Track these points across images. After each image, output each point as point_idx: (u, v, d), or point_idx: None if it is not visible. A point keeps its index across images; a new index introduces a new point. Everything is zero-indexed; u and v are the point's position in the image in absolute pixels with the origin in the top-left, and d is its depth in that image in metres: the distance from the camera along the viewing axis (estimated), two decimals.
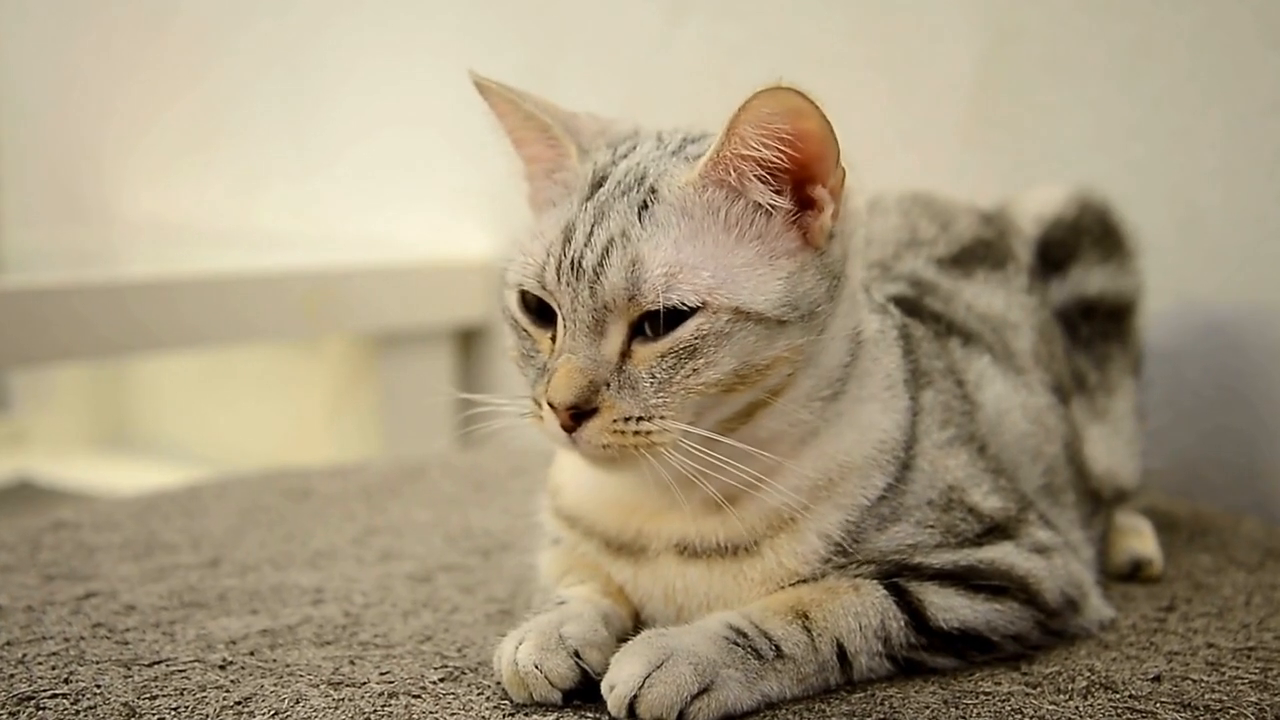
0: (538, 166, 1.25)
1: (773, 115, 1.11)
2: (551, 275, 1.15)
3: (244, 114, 3.28)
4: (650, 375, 1.13)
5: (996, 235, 1.61)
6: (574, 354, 1.13)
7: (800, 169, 1.15)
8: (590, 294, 1.13)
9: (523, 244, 1.20)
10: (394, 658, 1.27)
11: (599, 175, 1.20)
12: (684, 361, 1.12)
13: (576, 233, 1.16)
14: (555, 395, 1.12)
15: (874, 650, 1.17)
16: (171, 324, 2.41)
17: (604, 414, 1.12)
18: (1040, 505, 1.36)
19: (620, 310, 1.13)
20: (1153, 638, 1.31)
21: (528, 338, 1.20)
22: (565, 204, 1.20)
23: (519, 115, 1.23)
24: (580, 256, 1.14)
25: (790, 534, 1.20)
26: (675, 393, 1.12)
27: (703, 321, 1.12)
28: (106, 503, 1.94)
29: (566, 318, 1.15)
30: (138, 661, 1.26)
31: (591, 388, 1.12)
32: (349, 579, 1.53)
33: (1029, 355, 1.49)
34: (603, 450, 1.13)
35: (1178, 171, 1.99)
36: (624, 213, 1.15)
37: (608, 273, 1.13)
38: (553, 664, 1.13)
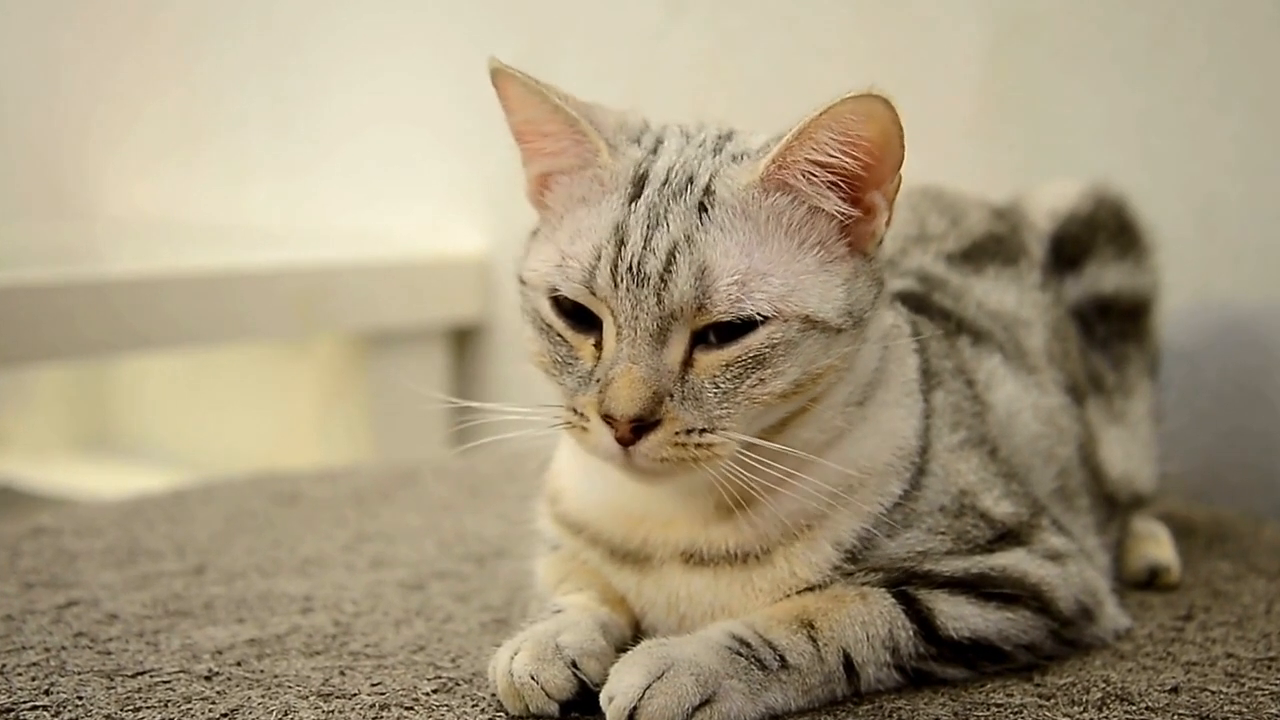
0: (559, 161, 1.20)
1: (856, 122, 1.11)
2: (605, 280, 1.12)
3: (232, 107, 3.27)
4: (714, 385, 1.11)
5: (1008, 230, 1.61)
6: (635, 363, 1.10)
7: (867, 175, 1.14)
8: (656, 302, 1.10)
9: (557, 244, 1.16)
10: (386, 668, 1.27)
11: (639, 173, 1.17)
12: (750, 371, 1.11)
13: (632, 235, 1.12)
14: (616, 406, 1.09)
15: (882, 661, 1.17)
16: (156, 323, 2.40)
17: (666, 426, 1.10)
18: (1053, 510, 1.36)
19: (686, 319, 1.11)
20: (1170, 647, 1.31)
21: (563, 344, 1.16)
22: (604, 203, 1.16)
23: (545, 107, 1.18)
24: (640, 261, 1.11)
25: (805, 541, 1.20)
26: (739, 403, 1.11)
27: (774, 330, 1.11)
28: (88, 508, 1.94)
29: (624, 325, 1.11)
30: (120, 672, 1.25)
31: (655, 399, 1.09)
32: (339, 587, 1.53)
33: (1041, 354, 1.49)
34: (660, 464, 1.10)
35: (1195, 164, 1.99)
36: (683, 215, 1.13)
37: (675, 280, 1.10)
38: (549, 675, 1.13)
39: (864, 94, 1.09)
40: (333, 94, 3.09)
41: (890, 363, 1.24)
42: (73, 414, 3.41)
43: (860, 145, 1.12)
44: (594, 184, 1.18)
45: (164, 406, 3.29)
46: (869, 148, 1.12)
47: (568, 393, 1.15)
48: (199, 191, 3.33)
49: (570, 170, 1.20)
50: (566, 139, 1.19)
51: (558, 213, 1.21)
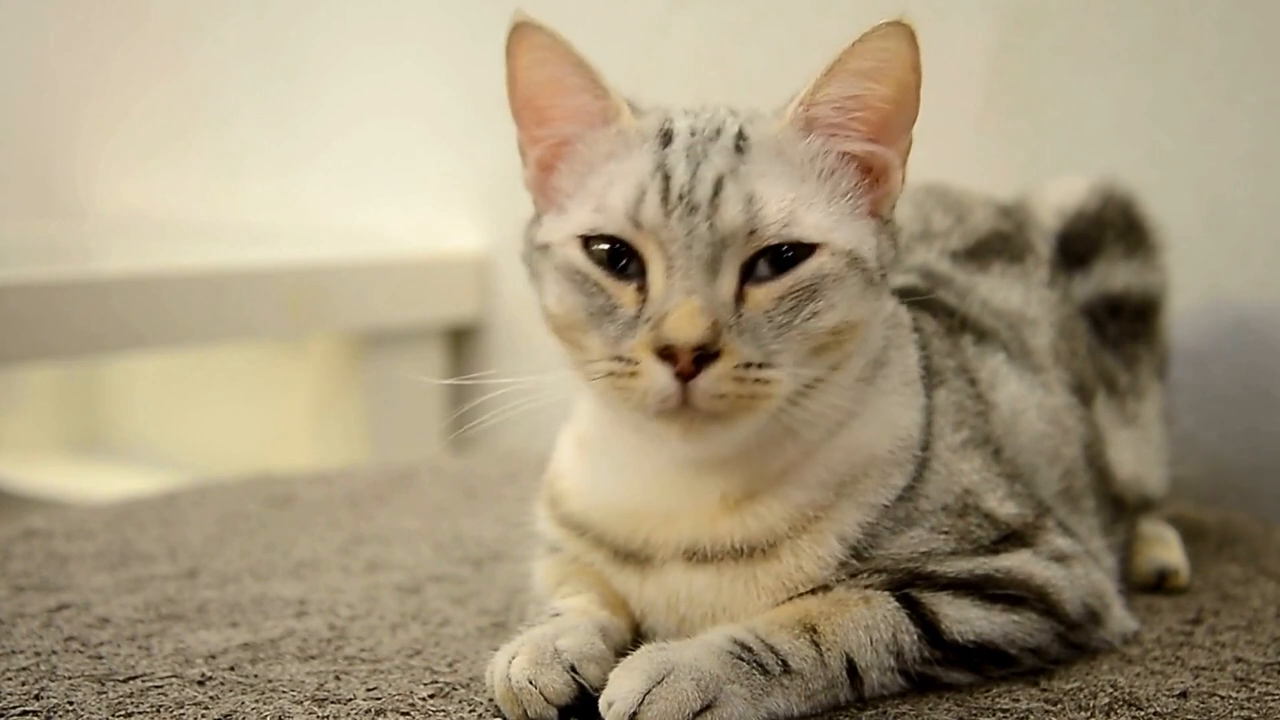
0: (578, 122, 1.22)
1: (886, 52, 1.15)
2: (653, 212, 1.13)
3: (224, 102, 3.28)
4: (768, 318, 1.12)
5: (1015, 228, 1.61)
6: (692, 293, 1.10)
7: (888, 123, 1.18)
8: (709, 227, 1.12)
9: (587, 199, 1.17)
10: (381, 673, 1.27)
11: (664, 129, 1.20)
12: (804, 303, 1.13)
13: (677, 169, 1.14)
14: (678, 334, 1.08)
15: (886, 665, 1.17)
16: (148, 322, 2.41)
17: (726, 358, 1.09)
18: (1059, 511, 1.36)
19: (737, 247, 1.12)
20: (1179, 652, 1.31)
21: (599, 293, 1.15)
22: (635, 153, 1.18)
23: (568, 62, 1.20)
24: (688, 190, 1.13)
25: (811, 535, 1.20)
26: (794, 338, 1.13)
27: (824, 260, 1.14)
28: (79, 510, 1.94)
29: (677, 255, 1.12)
30: (112, 677, 1.26)
31: (716, 328, 1.09)
32: (334, 590, 1.53)
33: (1047, 353, 1.49)
34: (718, 401, 1.10)
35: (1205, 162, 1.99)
36: (723, 153, 1.16)
37: (725, 205, 1.12)
38: (548, 679, 1.13)
39: (895, 21, 1.14)
40: (327, 89, 3.09)
41: (891, 350, 1.25)
42: (63, 415, 3.41)
43: (886, 75, 1.16)
44: (619, 140, 1.20)
45: (156, 407, 3.29)
46: (895, 85, 1.16)
47: (609, 341, 1.14)
48: (191, 188, 3.33)
49: (591, 128, 1.21)
50: (588, 95, 1.21)
51: (579, 175, 1.21)
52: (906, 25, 1.14)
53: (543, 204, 1.25)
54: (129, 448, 3.32)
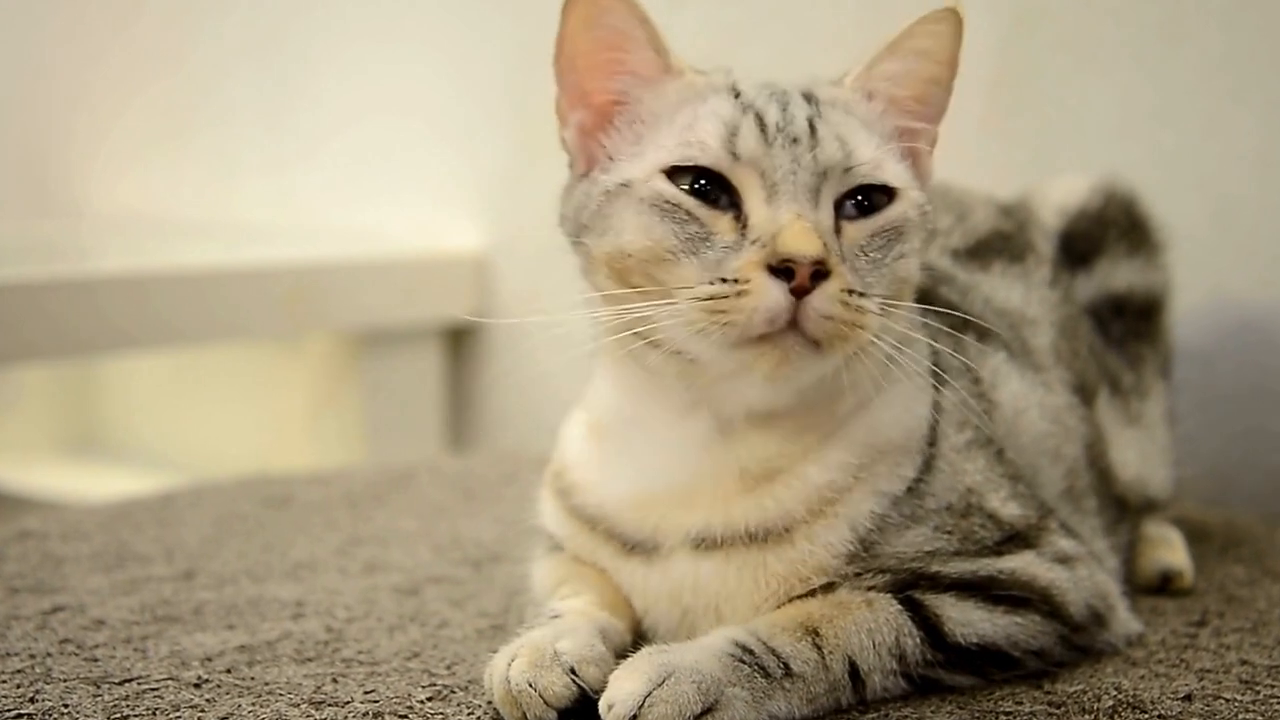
0: (636, 79, 1.23)
1: (940, 35, 1.22)
2: (753, 142, 1.15)
3: (221, 100, 3.27)
4: (863, 253, 1.17)
5: (1016, 227, 1.61)
6: (802, 214, 1.13)
7: (932, 104, 1.26)
8: (812, 158, 1.15)
9: (668, 137, 1.19)
10: (379, 675, 1.27)
11: (730, 84, 1.22)
12: (893, 243, 1.18)
13: (765, 108, 1.18)
14: (797, 247, 1.09)
15: (888, 668, 1.17)
16: (144, 321, 2.40)
17: (835, 279, 1.11)
18: (1062, 512, 1.36)
19: (834, 181, 1.16)
20: (1183, 654, 1.31)
21: (692, 221, 1.15)
22: (711, 99, 1.20)
23: (634, 17, 1.22)
24: (786, 125, 1.16)
25: (826, 519, 1.21)
26: (883, 275, 1.17)
27: (906, 206, 1.20)
28: (75, 511, 1.94)
29: (781, 182, 1.14)
30: (108, 679, 1.25)
31: (827, 247, 1.12)
32: (331, 592, 1.53)
33: (1048, 352, 1.49)
34: (825, 324, 1.10)
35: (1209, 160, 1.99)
36: (801, 102, 1.20)
37: (822, 140, 1.16)
38: (547, 682, 1.13)
39: (949, 8, 1.22)
40: (325, 86, 3.09)
41: (907, 335, 1.25)
42: (58, 415, 3.41)
43: (935, 56, 1.24)
44: (688, 90, 1.23)
45: (152, 407, 3.29)
46: (941, 60, 1.24)
47: (709, 265, 1.13)
48: (187, 186, 3.33)
49: (654, 84, 1.23)
50: (653, 50, 1.23)
51: (646, 125, 1.22)
52: (956, 13, 1.22)
53: (583, 163, 1.26)
54: (125, 448, 3.32)
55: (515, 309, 2.74)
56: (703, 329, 1.12)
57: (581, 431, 1.33)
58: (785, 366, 1.13)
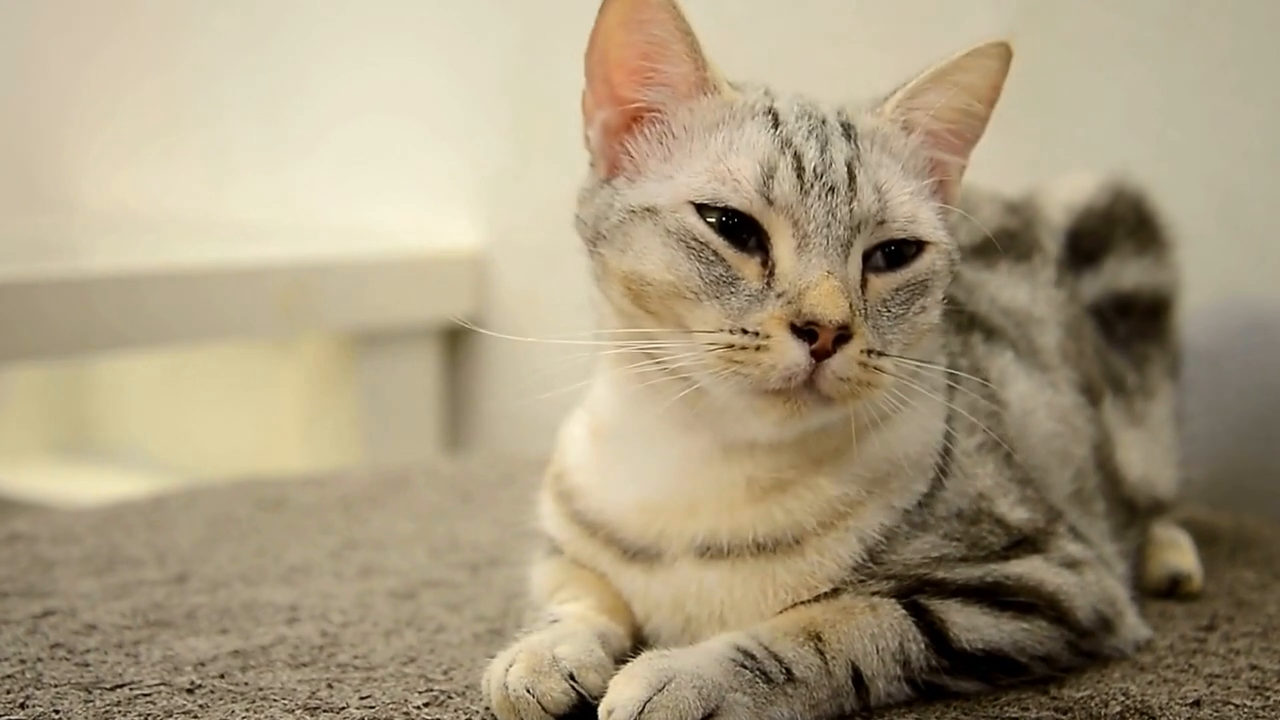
0: (670, 91, 1.21)
1: (988, 71, 1.21)
2: (790, 188, 1.13)
3: (215, 96, 3.27)
4: (886, 309, 1.16)
5: (1022, 225, 1.61)
6: (832, 272, 1.11)
7: (965, 136, 1.24)
8: (849, 211, 1.13)
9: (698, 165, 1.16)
10: (375, 681, 1.27)
11: (769, 107, 1.21)
12: (916, 297, 1.17)
13: (807, 149, 1.15)
14: (824, 312, 1.09)
15: (892, 674, 1.17)
16: (136, 321, 2.40)
17: (856, 341, 1.11)
18: (1070, 515, 1.36)
19: (865, 233, 1.15)
20: (1192, 659, 1.31)
21: (719, 263, 1.14)
22: (747, 126, 1.18)
23: (677, 28, 1.20)
24: (824, 171, 1.14)
25: (837, 532, 1.21)
26: (904, 330, 1.16)
27: (935, 258, 1.19)
28: (65, 514, 1.94)
29: (814, 234, 1.12)
30: (99, 685, 1.25)
31: (854, 310, 1.11)
32: (326, 596, 1.53)
33: (1055, 352, 1.49)
34: (840, 385, 1.11)
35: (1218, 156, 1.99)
36: (843, 141, 1.18)
37: (860, 191, 1.15)
38: (546, 687, 1.13)
39: (1002, 42, 1.21)
40: (320, 82, 3.09)
41: (930, 354, 1.26)
42: (49, 416, 3.41)
43: (980, 91, 1.22)
44: (723, 110, 1.20)
45: (144, 408, 3.29)
46: (985, 96, 1.23)
47: (732, 313, 1.12)
48: (180, 184, 3.33)
49: (689, 97, 1.21)
50: (690, 64, 1.21)
51: (676, 141, 1.20)
52: (1009, 48, 1.21)
53: (604, 167, 1.24)
54: (116, 450, 3.32)
55: (514, 308, 2.74)
56: (716, 373, 1.12)
57: (583, 434, 1.32)
58: (794, 418, 1.14)
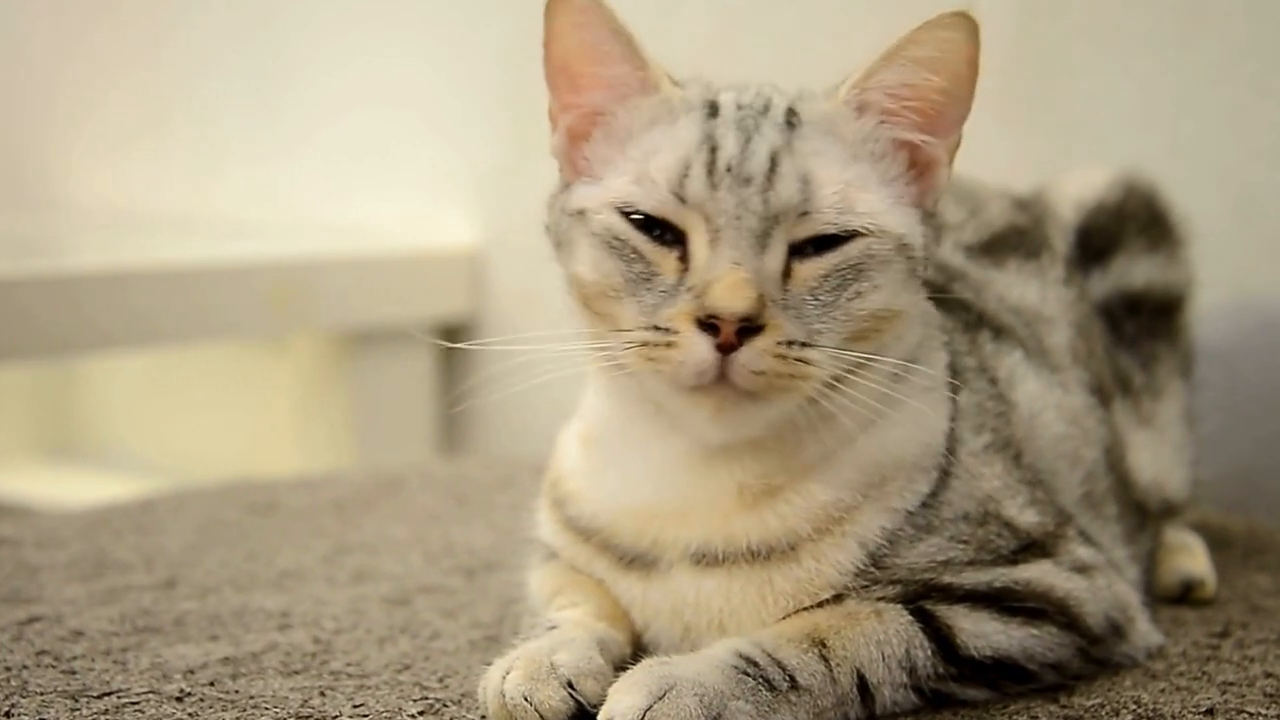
0: (614, 91, 1.23)
1: (948, 42, 1.17)
2: (700, 185, 1.14)
3: (204, 89, 3.27)
4: (813, 296, 1.15)
5: (1031, 222, 1.61)
6: (740, 263, 1.12)
7: (942, 115, 1.21)
8: (762, 202, 1.14)
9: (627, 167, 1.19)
10: (368, 688, 1.27)
11: (710, 100, 1.21)
12: (849, 282, 1.15)
13: (725, 141, 1.16)
14: (724, 303, 1.10)
15: (898, 681, 1.17)
16: (123, 320, 2.40)
17: (769, 333, 1.11)
18: (1080, 519, 1.36)
19: (788, 225, 1.15)
20: (1205, 666, 1.31)
21: (638, 260, 1.16)
22: (680, 121, 1.20)
23: (608, 29, 1.22)
24: (740, 162, 1.15)
25: (834, 538, 1.20)
26: (836, 318, 1.15)
27: (872, 241, 1.17)
28: (51, 518, 1.94)
29: (725, 228, 1.13)
30: (86, 693, 1.25)
31: (760, 301, 1.11)
32: (319, 602, 1.53)
33: (1065, 352, 1.49)
34: (756, 379, 1.11)
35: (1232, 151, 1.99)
36: (775, 128, 1.18)
37: (780, 181, 1.15)
38: (544, 695, 1.13)
39: (959, 12, 1.17)
40: (312, 75, 3.09)
41: (922, 350, 1.26)
42: (34, 417, 3.41)
43: (944, 65, 1.19)
44: (661, 108, 1.22)
45: (132, 410, 3.29)
46: (953, 76, 1.19)
47: (646, 310, 1.14)
48: (168, 180, 3.33)
49: (630, 97, 1.23)
50: (627, 65, 1.22)
51: (618, 142, 1.22)
52: (969, 17, 1.17)
53: (570, 173, 1.26)
54: (103, 452, 3.32)
55: (511, 308, 2.74)
56: (641, 371, 1.15)
57: (576, 441, 1.33)
58: (724, 414, 1.14)
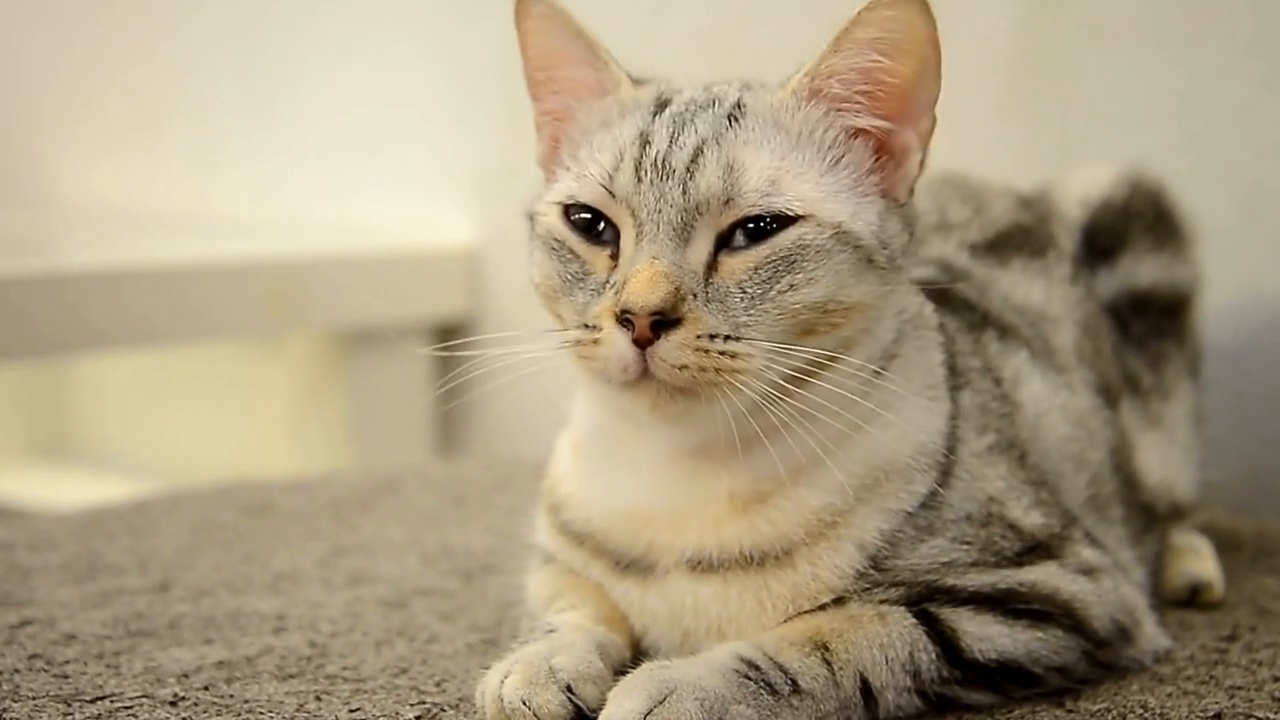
0: (577, 92, 1.26)
1: (895, 23, 1.16)
2: (626, 179, 1.16)
3: (199, 86, 3.27)
4: (740, 289, 1.14)
5: (1036, 220, 1.61)
6: (657, 257, 1.13)
7: (901, 100, 1.20)
8: (682, 193, 1.14)
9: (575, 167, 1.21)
10: (365, 693, 1.27)
11: (661, 98, 1.23)
12: (780, 275, 1.15)
13: (656, 136, 1.18)
14: (635, 298, 1.11)
15: (902, 685, 1.17)
16: (117, 319, 2.40)
17: (688, 326, 1.11)
18: (1086, 521, 1.36)
19: (712, 215, 1.15)
20: (1213, 670, 1.31)
21: (574, 259, 1.19)
22: (626, 120, 1.22)
23: (566, 32, 1.24)
24: (665, 156, 1.16)
25: (829, 542, 1.20)
26: (767, 310, 1.14)
27: (806, 231, 1.16)
28: (44, 519, 1.94)
29: (646, 221, 1.14)
30: (79, 697, 1.25)
31: (677, 294, 1.11)
32: (314, 605, 1.53)
33: (1070, 352, 1.49)
34: (679, 373, 1.11)
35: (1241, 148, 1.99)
36: (712, 120, 1.19)
37: (701, 173, 1.15)
38: (542, 700, 1.13)
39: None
40: (308, 72, 3.09)
41: (913, 349, 1.26)
42: (27, 418, 3.41)
43: (898, 53, 1.17)
44: (614, 108, 1.24)
45: (125, 410, 3.29)
46: (906, 59, 1.18)
47: (578, 308, 1.17)
48: (162, 177, 3.33)
49: (589, 99, 1.25)
50: (587, 66, 1.25)
51: (575, 145, 1.25)
52: (914, 1, 1.16)
53: (547, 178, 1.29)
54: (97, 453, 3.32)
55: (509, 306, 2.73)
56: (577, 370, 1.17)
57: (567, 446, 1.34)
58: (662, 410, 1.15)
